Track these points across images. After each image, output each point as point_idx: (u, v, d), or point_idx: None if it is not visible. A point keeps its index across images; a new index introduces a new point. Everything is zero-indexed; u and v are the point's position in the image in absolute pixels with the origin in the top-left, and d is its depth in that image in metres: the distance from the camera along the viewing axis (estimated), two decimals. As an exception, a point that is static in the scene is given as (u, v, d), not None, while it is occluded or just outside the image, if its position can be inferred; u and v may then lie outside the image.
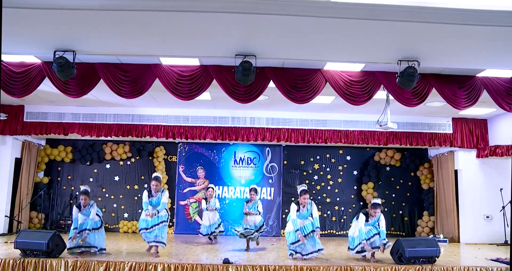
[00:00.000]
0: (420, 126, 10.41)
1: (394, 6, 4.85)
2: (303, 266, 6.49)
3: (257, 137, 10.29)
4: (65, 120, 10.10)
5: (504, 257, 7.66)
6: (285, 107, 9.74)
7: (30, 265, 6.43)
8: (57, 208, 11.49)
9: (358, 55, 6.22)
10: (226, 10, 4.85)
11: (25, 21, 5.15)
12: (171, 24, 5.21)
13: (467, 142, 10.44)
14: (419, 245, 6.83)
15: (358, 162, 12.02)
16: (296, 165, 11.88)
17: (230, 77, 6.64)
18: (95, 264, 6.44)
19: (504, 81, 7.10)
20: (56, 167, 11.75)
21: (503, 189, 10.18)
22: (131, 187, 11.71)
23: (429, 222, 11.49)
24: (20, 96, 6.93)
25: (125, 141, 11.58)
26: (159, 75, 6.86)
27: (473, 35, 5.33)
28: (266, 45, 5.89)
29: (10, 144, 10.38)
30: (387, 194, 11.88)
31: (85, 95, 7.11)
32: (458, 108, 7.24)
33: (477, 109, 9.31)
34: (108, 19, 5.12)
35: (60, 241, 6.89)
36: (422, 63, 6.18)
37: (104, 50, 6.20)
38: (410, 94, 6.95)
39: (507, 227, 10.04)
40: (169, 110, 10.19)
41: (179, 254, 7.58)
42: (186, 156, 11.64)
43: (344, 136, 10.36)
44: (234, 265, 6.46)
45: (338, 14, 4.91)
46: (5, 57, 6.55)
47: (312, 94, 7.01)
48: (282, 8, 4.81)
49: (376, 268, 6.56)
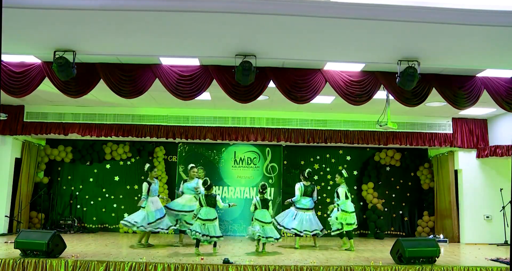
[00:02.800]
0: (420, 126, 10.41)
1: (394, 6, 4.84)
2: (303, 266, 6.49)
3: (257, 137, 10.29)
4: (65, 120, 10.09)
5: (504, 257, 7.67)
6: (285, 107, 9.73)
7: (30, 265, 6.43)
8: (57, 208, 11.49)
9: (358, 55, 6.23)
10: (226, 10, 4.85)
11: (25, 21, 5.15)
12: (171, 24, 5.21)
13: (467, 142, 10.43)
14: (419, 245, 6.84)
15: (358, 162, 12.03)
16: (296, 165, 11.88)
17: (230, 77, 6.64)
18: (95, 264, 6.44)
19: (504, 81, 7.10)
20: (56, 167, 11.75)
21: (503, 189, 10.19)
22: (131, 187, 11.71)
23: (429, 222, 11.49)
24: (20, 96, 6.93)
25: (125, 141, 11.58)
26: (159, 75, 6.86)
27: (473, 35, 5.33)
28: (266, 45, 5.89)
29: (10, 144, 10.38)
30: (387, 194, 11.88)
31: (85, 95, 7.10)
32: (458, 108, 7.24)
33: (477, 109, 9.31)
34: (108, 19, 5.11)
35: (60, 241, 6.88)
36: (422, 63, 6.18)
37: (104, 50, 6.20)
38: (410, 94, 6.94)
39: (507, 227, 10.04)
40: (169, 110, 10.19)
41: (179, 254, 7.58)
42: (186, 156, 11.64)
43: (344, 136, 10.36)
44: (234, 265, 6.46)
45: (338, 14, 4.90)
46: (5, 57, 6.54)
47: (312, 94, 7.00)
48: (282, 8, 4.81)
49: (376, 268, 6.56)
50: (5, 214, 10.19)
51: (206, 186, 7.72)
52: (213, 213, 7.67)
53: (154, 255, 7.27)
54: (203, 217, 7.57)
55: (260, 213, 8.03)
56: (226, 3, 4.79)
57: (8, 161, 10.36)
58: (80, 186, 11.71)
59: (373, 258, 7.46)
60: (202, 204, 7.69)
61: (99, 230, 11.47)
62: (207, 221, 7.56)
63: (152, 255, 7.31)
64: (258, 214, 8.04)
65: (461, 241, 10.46)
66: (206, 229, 7.48)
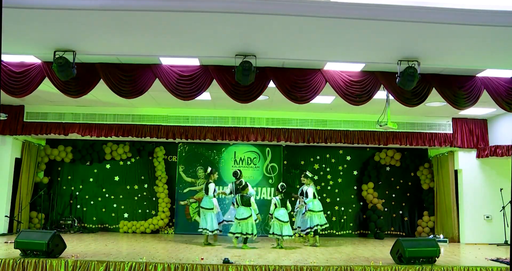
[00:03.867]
0: (420, 126, 10.40)
1: (394, 6, 4.84)
2: (303, 266, 6.49)
3: (257, 137, 10.29)
4: (65, 120, 10.09)
5: (504, 257, 7.67)
6: (285, 107, 9.73)
7: (30, 265, 6.43)
8: (57, 208, 11.49)
9: (358, 55, 6.23)
10: (226, 10, 4.85)
11: (25, 21, 5.15)
12: (171, 24, 5.21)
13: (467, 142, 10.43)
14: (419, 245, 6.84)
15: (358, 162, 12.03)
16: (296, 165, 11.88)
17: (230, 77, 6.64)
18: (95, 264, 6.44)
19: (504, 81, 7.10)
20: (56, 167, 11.75)
21: (503, 189, 10.19)
22: (131, 187, 11.71)
23: (429, 222, 11.48)
24: (20, 96, 6.93)
25: (125, 141, 11.58)
26: (159, 75, 6.86)
27: (473, 35, 5.33)
28: (266, 45, 5.89)
29: (10, 144, 10.38)
30: (387, 194, 11.88)
31: (85, 95, 7.10)
32: (458, 108, 7.24)
33: (477, 109, 9.31)
34: (108, 19, 5.11)
35: (60, 241, 6.89)
36: (422, 63, 6.18)
37: (104, 50, 6.20)
38: (410, 94, 6.94)
39: (507, 227, 10.04)
40: (169, 110, 10.19)
41: (179, 254, 7.58)
42: (186, 156, 11.64)
43: (344, 136, 10.35)
44: (234, 265, 6.47)
45: (338, 14, 4.90)
46: (5, 57, 6.54)
47: (312, 94, 7.00)
48: (282, 8, 4.81)
49: (376, 268, 6.56)
50: (5, 214, 10.19)
51: (241, 187, 8.67)
52: (248, 212, 8.53)
53: (154, 255, 7.27)
54: (239, 217, 8.48)
55: (280, 212, 8.65)
56: (226, 3, 4.79)
57: (8, 161, 10.36)
58: (80, 186, 11.71)
59: (373, 258, 7.46)
60: (238, 203, 8.61)
61: (99, 230, 11.47)
62: (242, 220, 8.45)
63: (152, 255, 7.31)
64: (278, 213, 8.63)
65: (461, 241, 10.46)
66: (241, 227, 8.41)
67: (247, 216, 8.51)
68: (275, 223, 8.67)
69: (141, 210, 11.62)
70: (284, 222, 8.65)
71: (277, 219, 8.65)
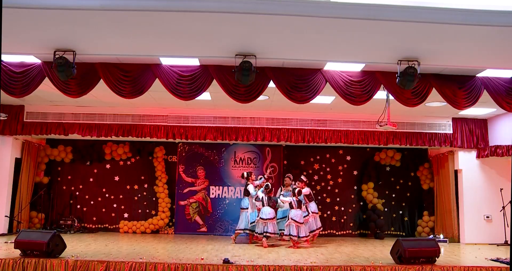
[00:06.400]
0: (420, 126, 10.40)
1: (394, 6, 4.85)
2: (303, 266, 6.49)
3: (257, 137, 10.28)
4: (65, 120, 10.08)
5: (504, 257, 7.67)
6: (285, 107, 9.73)
7: (30, 265, 6.43)
8: (57, 208, 11.48)
9: (358, 55, 6.23)
10: (226, 10, 4.85)
11: (25, 21, 5.15)
12: (171, 24, 5.21)
13: (467, 142, 10.43)
14: (419, 245, 6.84)
15: (358, 162, 12.02)
16: (296, 165, 11.87)
17: (230, 77, 6.63)
18: (95, 264, 6.44)
19: (504, 81, 7.10)
20: (56, 167, 11.74)
21: (503, 189, 10.19)
22: (131, 187, 11.71)
23: (429, 222, 11.49)
24: (20, 96, 6.93)
25: (125, 141, 11.58)
26: (159, 75, 6.86)
27: (473, 35, 5.33)
28: (266, 45, 5.89)
29: (10, 144, 10.37)
30: (387, 194, 11.88)
31: (85, 95, 7.10)
32: (458, 108, 7.23)
33: (477, 109, 9.31)
34: (108, 19, 5.12)
35: (60, 241, 6.89)
36: (422, 63, 6.18)
37: (104, 50, 6.21)
38: (410, 94, 6.94)
39: (507, 227, 10.04)
40: (169, 110, 10.19)
41: (179, 254, 7.58)
42: (186, 156, 11.64)
43: (344, 136, 10.35)
44: (234, 265, 6.47)
45: (338, 14, 4.90)
46: (5, 57, 6.54)
47: (312, 94, 7.00)
48: (282, 8, 4.81)
49: (376, 268, 6.56)
50: (5, 214, 10.19)
51: (268, 189, 9.10)
52: (273, 212, 9.02)
53: (154, 255, 7.27)
54: (264, 217, 8.88)
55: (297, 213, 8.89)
56: (226, 3, 4.79)
57: (8, 161, 10.36)
58: (80, 186, 11.71)
59: (373, 258, 7.46)
60: (264, 204, 9.02)
61: (99, 230, 11.47)
62: (268, 220, 8.88)
63: (152, 255, 7.31)
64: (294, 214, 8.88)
65: (461, 241, 10.46)
66: (266, 226, 8.85)
67: (272, 216, 8.98)
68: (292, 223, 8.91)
69: (141, 210, 11.62)
70: (300, 223, 8.93)
71: (294, 220, 8.89)
